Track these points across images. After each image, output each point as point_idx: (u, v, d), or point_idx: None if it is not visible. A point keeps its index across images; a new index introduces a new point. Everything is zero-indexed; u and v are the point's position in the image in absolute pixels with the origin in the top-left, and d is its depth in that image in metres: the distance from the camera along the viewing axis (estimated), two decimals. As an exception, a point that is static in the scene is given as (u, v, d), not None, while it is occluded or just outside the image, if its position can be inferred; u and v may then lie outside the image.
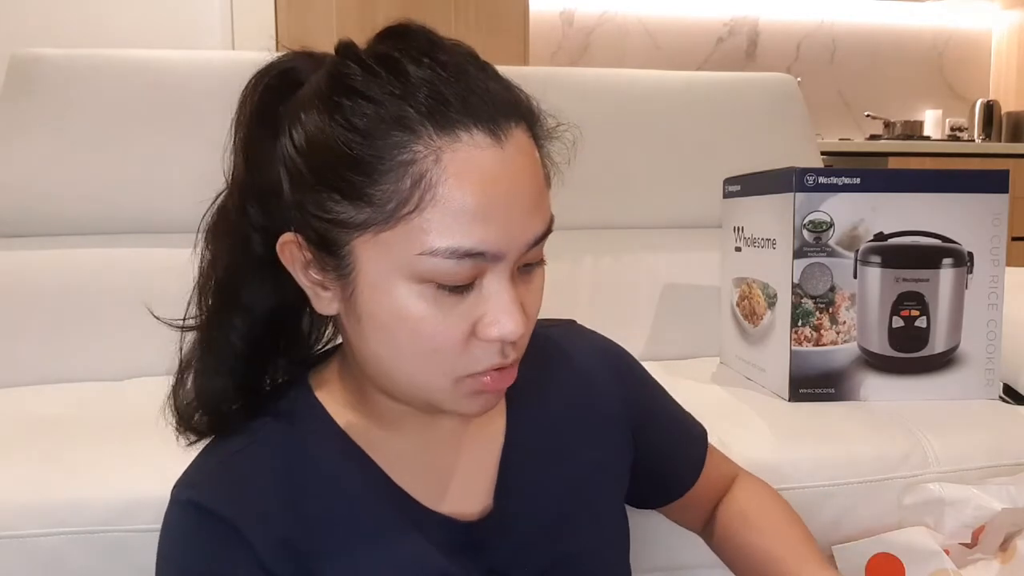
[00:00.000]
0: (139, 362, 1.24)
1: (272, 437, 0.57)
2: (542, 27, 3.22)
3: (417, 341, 0.49)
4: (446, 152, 0.46)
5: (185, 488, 0.55)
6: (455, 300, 0.49)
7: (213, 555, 0.53)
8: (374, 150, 0.47)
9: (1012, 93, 3.60)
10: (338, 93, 0.48)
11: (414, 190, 0.46)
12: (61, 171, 1.31)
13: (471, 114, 0.47)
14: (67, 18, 2.36)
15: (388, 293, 0.49)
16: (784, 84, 1.64)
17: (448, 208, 0.46)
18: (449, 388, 0.52)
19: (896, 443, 0.95)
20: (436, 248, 0.47)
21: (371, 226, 0.48)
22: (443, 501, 0.59)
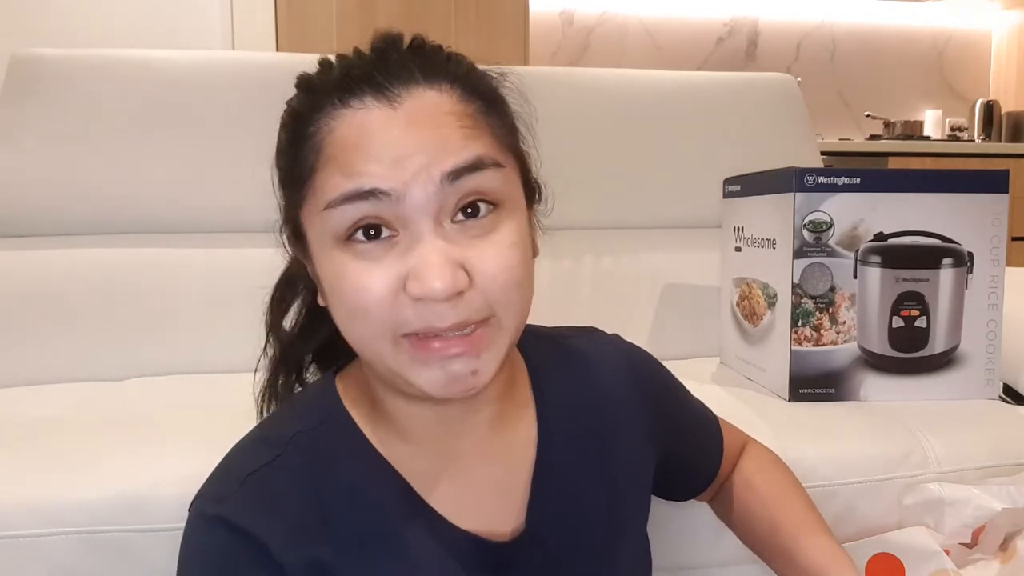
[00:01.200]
0: (139, 362, 1.24)
1: (301, 450, 0.56)
2: (542, 27, 3.22)
3: (351, 299, 0.50)
4: (338, 119, 0.51)
5: (213, 503, 0.54)
6: (381, 253, 0.49)
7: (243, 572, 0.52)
8: (293, 134, 0.54)
9: (1012, 93, 3.60)
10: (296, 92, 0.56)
11: (311, 155, 0.52)
12: (61, 171, 1.31)
13: (368, 83, 0.51)
14: (67, 18, 2.36)
15: (325, 255, 0.52)
16: (784, 84, 1.64)
17: (335, 161, 0.50)
18: (392, 352, 0.50)
19: (896, 443, 0.95)
20: (330, 199, 0.49)
21: (298, 199, 0.53)
22: (472, 519, 0.57)
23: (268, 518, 0.53)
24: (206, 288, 1.28)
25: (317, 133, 0.52)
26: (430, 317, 0.48)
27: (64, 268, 1.28)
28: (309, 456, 0.55)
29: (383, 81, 0.51)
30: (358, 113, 0.50)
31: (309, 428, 0.57)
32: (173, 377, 1.22)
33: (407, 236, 0.49)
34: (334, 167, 0.50)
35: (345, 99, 0.51)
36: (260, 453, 0.56)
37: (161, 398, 1.10)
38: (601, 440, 0.65)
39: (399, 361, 0.50)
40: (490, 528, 0.58)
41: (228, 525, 0.52)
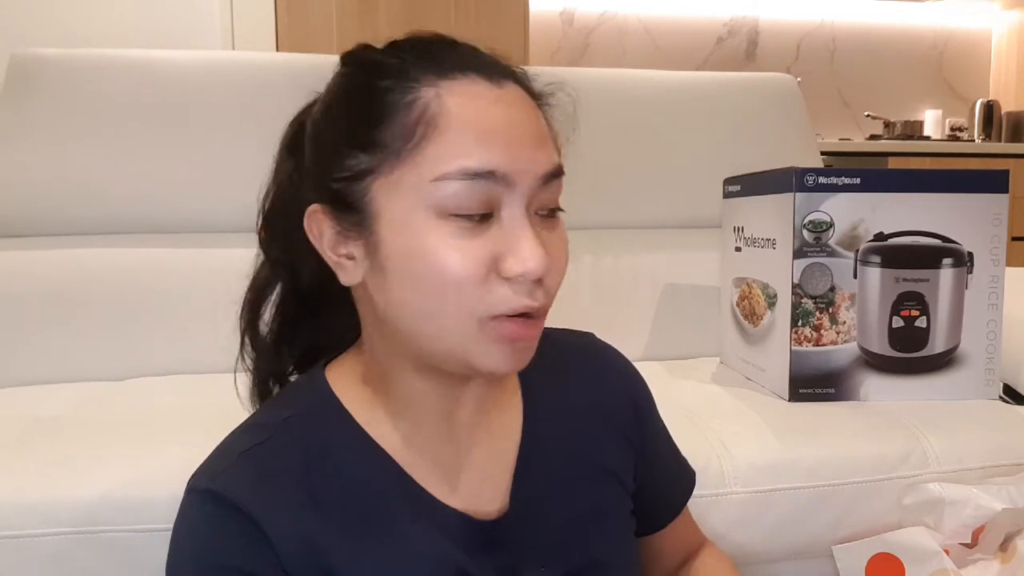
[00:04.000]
0: (139, 362, 1.24)
1: (292, 432, 0.57)
2: (542, 27, 3.22)
3: (440, 275, 0.50)
4: (445, 89, 0.51)
5: (205, 478, 0.55)
6: (475, 232, 0.50)
7: (232, 549, 0.53)
8: (380, 99, 0.51)
9: (1012, 93, 3.60)
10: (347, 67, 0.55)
11: (419, 124, 0.50)
12: (61, 171, 1.31)
13: (466, 64, 0.52)
14: (67, 18, 2.36)
15: (410, 228, 0.50)
16: (784, 84, 1.64)
17: (452, 133, 0.50)
18: (475, 332, 0.51)
19: (896, 443, 0.95)
20: (448, 171, 0.49)
21: (384, 166, 0.51)
22: (460, 497, 0.59)
23: (260, 494, 0.53)
24: (206, 288, 1.28)
25: (417, 102, 0.50)
26: (524, 298, 0.51)
27: (64, 268, 1.28)
28: (300, 438, 0.57)
29: (484, 60, 0.53)
30: (467, 87, 0.51)
31: (300, 413, 0.58)
32: (173, 377, 1.21)
33: (502, 219, 0.51)
34: (458, 139, 0.50)
35: (447, 71, 0.51)
36: (252, 435, 0.57)
37: (161, 398, 1.10)
38: (588, 430, 0.66)
39: (477, 340, 0.51)
40: (477, 506, 0.59)
41: (219, 499, 0.53)
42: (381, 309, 0.54)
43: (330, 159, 0.53)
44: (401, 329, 0.54)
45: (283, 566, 0.53)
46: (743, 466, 0.91)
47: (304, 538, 0.54)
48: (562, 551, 0.61)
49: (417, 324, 0.52)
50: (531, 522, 0.60)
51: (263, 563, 0.53)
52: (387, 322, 0.54)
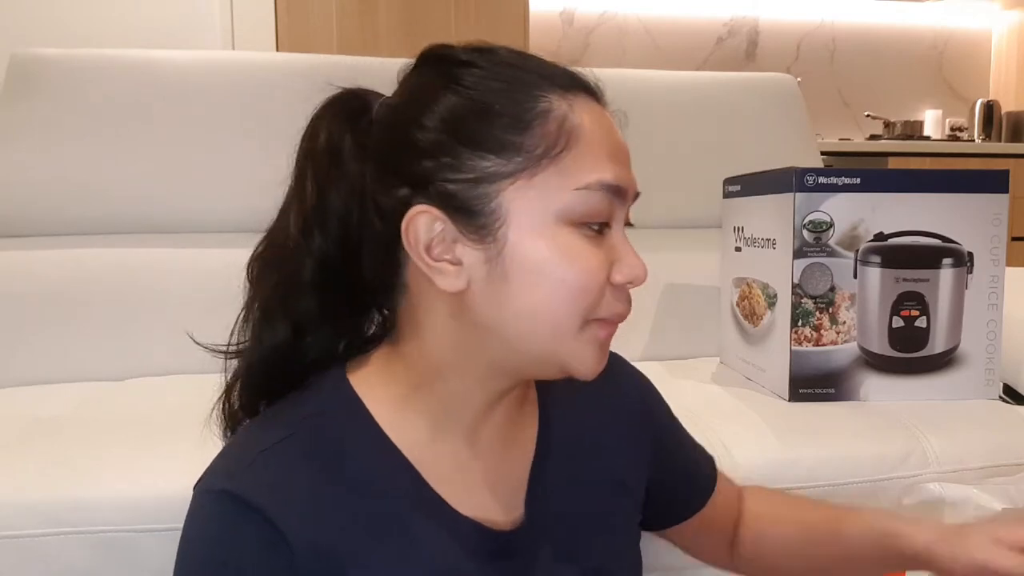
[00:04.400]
0: (139, 362, 1.24)
1: (310, 432, 0.55)
2: (542, 27, 3.22)
3: (570, 279, 0.52)
4: (576, 104, 0.53)
5: (222, 478, 0.53)
6: (597, 242, 0.53)
7: (249, 554, 0.51)
8: (515, 103, 0.52)
9: (1012, 93, 3.60)
10: (456, 67, 0.54)
11: (560, 133, 0.52)
12: (61, 171, 1.31)
13: (579, 83, 0.55)
14: (67, 18, 2.36)
15: (544, 235, 0.52)
16: (784, 84, 1.64)
17: (590, 146, 0.52)
18: (576, 332, 0.53)
19: (896, 443, 0.95)
20: (588, 181, 0.52)
21: (523, 172, 0.51)
22: (474, 506, 0.58)
23: (279, 496, 0.52)
24: (206, 288, 1.28)
25: (554, 111, 0.52)
26: (625, 304, 0.55)
27: (64, 268, 1.28)
28: (320, 437, 0.55)
29: (589, 80, 0.56)
30: (591, 105, 0.54)
31: (320, 411, 0.56)
32: (173, 377, 1.21)
33: (611, 231, 0.55)
34: (593, 153, 0.52)
35: (568, 87, 0.54)
36: (271, 432, 0.55)
37: (161, 398, 1.10)
38: (596, 443, 0.66)
39: (578, 340, 0.53)
40: (491, 517, 0.58)
41: (238, 501, 0.51)
42: (484, 315, 0.53)
43: (445, 160, 0.52)
44: (503, 336, 0.53)
45: (298, 569, 0.52)
46: (743, 466, 0.90)
47: (320, 541, 0.52)
48: (570, 562, 0.61)
49: (527, 329, 0.53)
50: (543, 533, 0.60)
51: (279, 569, 0.51)
52: (485, 328, 0.54)
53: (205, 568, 0.53)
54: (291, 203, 0.58)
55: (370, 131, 0.57)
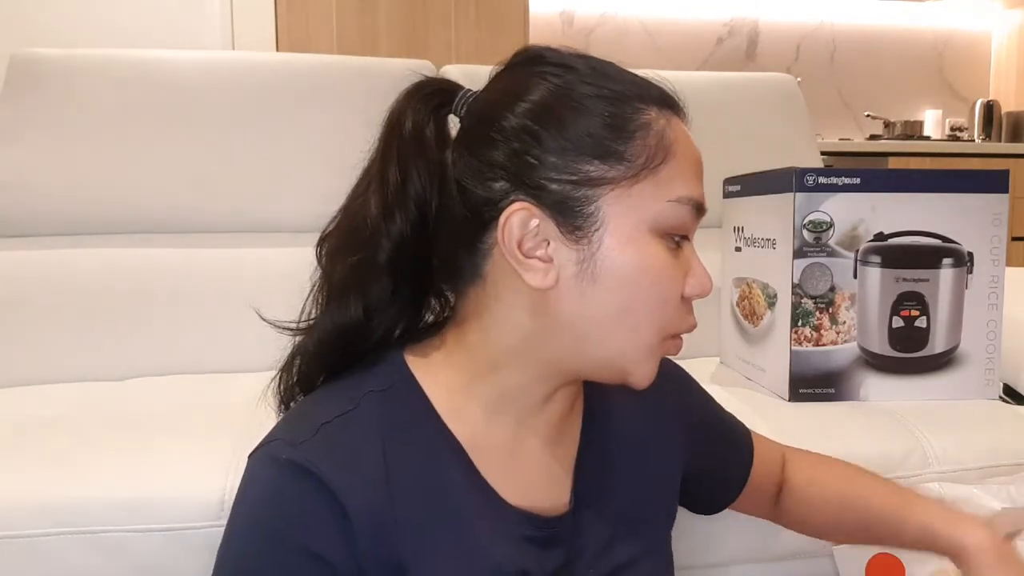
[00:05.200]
0: (139, 362, 1.24)
1: (373, 407, 0.56)
2: (542, 27, 3.22)
3: (655, 288, 0.54)
4: (670, 121, 0.56)
5: (286, 447, 0.53)
6: (676, 254, 0.56)
7: (308, 526, 0.51)
8: (620, 112, 0.54)
9: (1012, 93, 3.60)
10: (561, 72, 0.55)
11: (659, 146, 0.54)
12: (61, 171, 1.31)
13: (669, 101, 0.57)
14: (67, 18, 2.36)
15: (638, 243, 0.54)
16: (784, 84, 1.64)
17: (682, 163, 0.55)
18: (655, 346, 0.56)
19: (896, 443, 0.95)
20: (680, 195, 0.55)
21: (623, 179, 0.53)
22: (522, 495, 0.59)
23: (343, 468, 0.52)
24: (206, 288, 1.28)
25: (654, 124, 0.54)
26: (693, 316, 0.58)
27: (64, 268, 1.28)
28: (380, 413, 0.56)
29: (677, 99, 0.59)
30: (680, 123, 0.57)
31: (380, 389, 0.57)
32: (173, 377, 1.21)
33: (684, 245, 0.57)
34: (684, 169, 0.55)
35: (662, 104, 0.56)
36: (335, 404, 0.56)
37: (161, 398, 1.10)
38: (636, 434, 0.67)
39: (650, 353, 0.56)
40: (538, 506, 0.59)
41: (300, 470, 0.51)
42: (567, 315, 0.54)
43: (551, 159, 0.53)
44: (578, 336, 0.55)
45: (356, 544, 0.52)
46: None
47: (378, 518, 0.53)
48: (610, 551, 0.62)
49: (606, 334, 0.54)
50: (587, 522, 0.61)
51: (338, 545, 0.51)
52: (566, 325, 0.54)
53: (263, 534, 0.53)
54: (369, 185, 0.58)
55: (446, 120, 0.59)
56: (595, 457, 0.64)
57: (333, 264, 0.58)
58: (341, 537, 0.51)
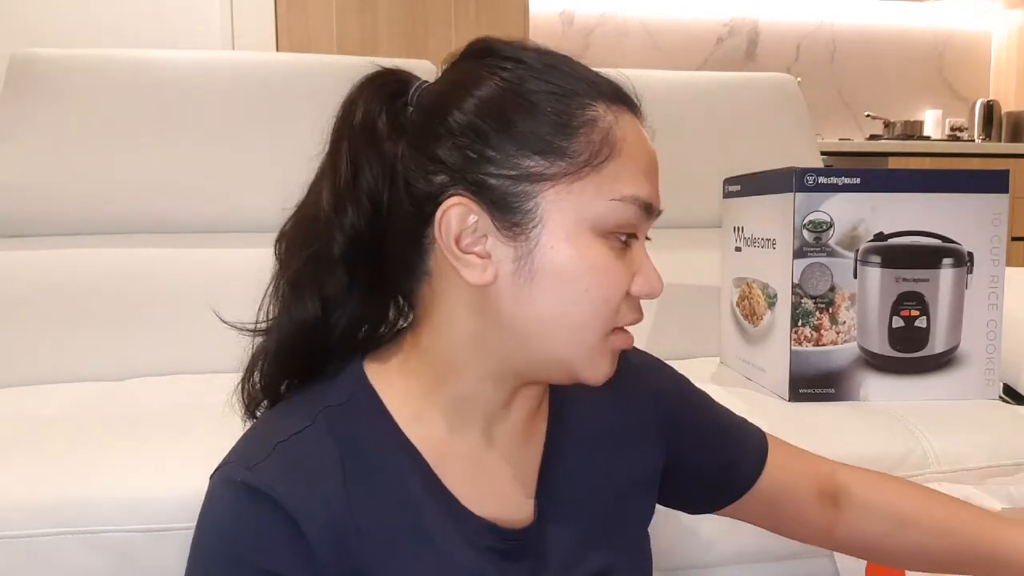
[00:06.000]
0: (139, 362, 1.24)
1: (329, 422, 0.55)
2: (542, 27, 3.22)
3: (595, 288, 0.53)
4: (621, 117, 0.54)
5: (239, 468, 0.52)
6: (620, 254, 0.54)
7: (265, 548, 0.51)
8: (565, 108, 0.53)
9: (1012, 93, 3.60)
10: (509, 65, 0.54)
11: (604, 143, 0.53)
12: (61, 171, 1.31)
13: (622, 97, 0.56)
14: (67, 18, 2.36)
15: (577, 242, 0.52)
16: (784, 84, 1.64)
17: (630, 160, 0.53)
18: (598, 343, 0.54)
19: (896, 443, 0.95)
20: (624, 194, 0.53)
21: (564, 176, 0.52)
22: (486, 505, 0.58)
23: (298, 488, 0.52)
24: (206, 288, 1.28)
25: (600, 120, 0.53)
26: (638, 313, 0.56)
27: (64, 268, 1.28)
28: (337, 430, 0.55)
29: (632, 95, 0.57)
30: (633, 120, 0.55)
31: (337, 403, 0.56)
32: (173, 377, 1.22)
33: (633, 244, 0.56)
34: (631, 167, 0.53)
35: (613, 100, 0.54)
36: (289, 422, 0.55)
37: (161, 398, 1.10)
38: (607, 442, 0.65)
39: (596, 351, 0.54)
40: (504, 516, 0.58)
41: (255, 492, 0.51)
42: (508, 311, 0.53)
43: (492, 153, 0.52)
44: (521, 334, 0.54)
45: (315, 563, 0.51)
46: (743, 466, 0.90)
47: (337, 534, 0.52)
48: (580, 560, 0.61)
49: (547, 331, 0.53)
50: (554, 532, 0.60)
51: (297, 565, 0.51)
52: (506, 325, 0.54)
53: (221, 559, 0.52)
54: (323, 178, 0.57)
55: (405, 112, 0.57)
56: (560, 465, 0.62)
57: (289, 259, 0.58)
58: (299, 557, 0.51)
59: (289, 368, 0.58)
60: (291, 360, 0.58)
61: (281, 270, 0.58)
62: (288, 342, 0.57)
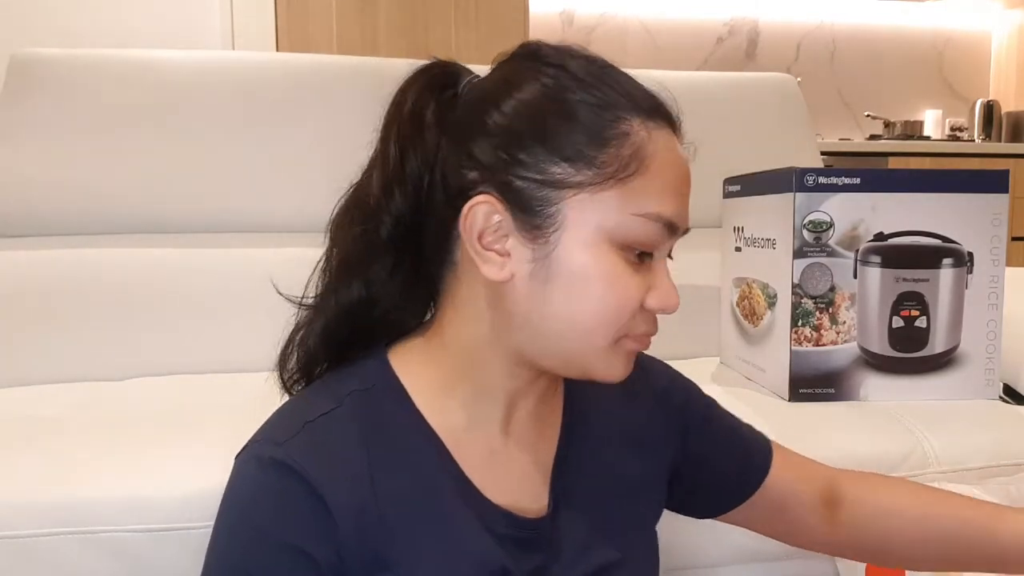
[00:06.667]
0: (139, 362, 1.24)
1: (355, 406, 0.57)
2: (542, 27, 3.22)
3: (607, 297, 0.54)
4: (653, 131, 0.55)
5: (270, 445, 0.54)
6: (639, 267, 0.55)
7: (292, 524, 0.52)
8: (599, 119, 0.54)
9: (1012, 93, 3.60)
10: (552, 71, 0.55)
11: (633, 158, 0.53)
12: (61, 171, 1.31)
13: (660, 113, 0.56)
14: (67, 18, 2.36)
15: (593, 250, 0.53)
16: (784, 84, 1.64)
17: (657, 178, 0.54)
18: (607, 347, 0.55)
19: (896, 443, 0.95)
20: (648, 211, 0.54)
21: (589, 186, 0.53)
22: (503, 494, 0.59)
23: (326, 466, 0.53)
24: (206, 288, 1.28)
25: (633, 135, 0.54)
26: (652, 325, 0.57)
27: (64, 268, 1.28)
28: (362, 413, 0.56)
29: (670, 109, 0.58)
30: (668, 136, 0.56)
31: (363, 388, 0.58)
32: (173, 377, 1.21)
33: (653, 259, 0.56)
34: (658, 185, 0.54)
35: (650, 115, 0.55)
36: (318, 403, 0.56)
37: (161, 398, 1.10)
38: (620, 437, 0.67)
39: (607, 352, 0.56)
40: (521, 505, 0.60)
41: (284, 468, 0.52)
42: (523, 308, 0.55)
43: (520, 156, 0.54)
44: (534, 331, 0.55)
45: (338, 539, 0.52)
46: (743, 466, 0.90)
47: (360, 516, 0.53)
48: (589, 554, 0.62)
49: (559, 332, 0.55)
50: (566, 524, 0.61)
51: (321, 540, 0.52)
52: (522, 321, 0.55)
53: (248, 534, 0.53)
54: (375, 164, 0.59)
55: (453, 104, 0.58)
56: (575, 458, 0.64)
57: (339, 238, 0.60)
58: (323, 532, 0.52)
59: (331, 349, 0.60)
60: (334, 341, 0.60)
61: (330, 246, 0.60)
62: (333, 323, 0.59)
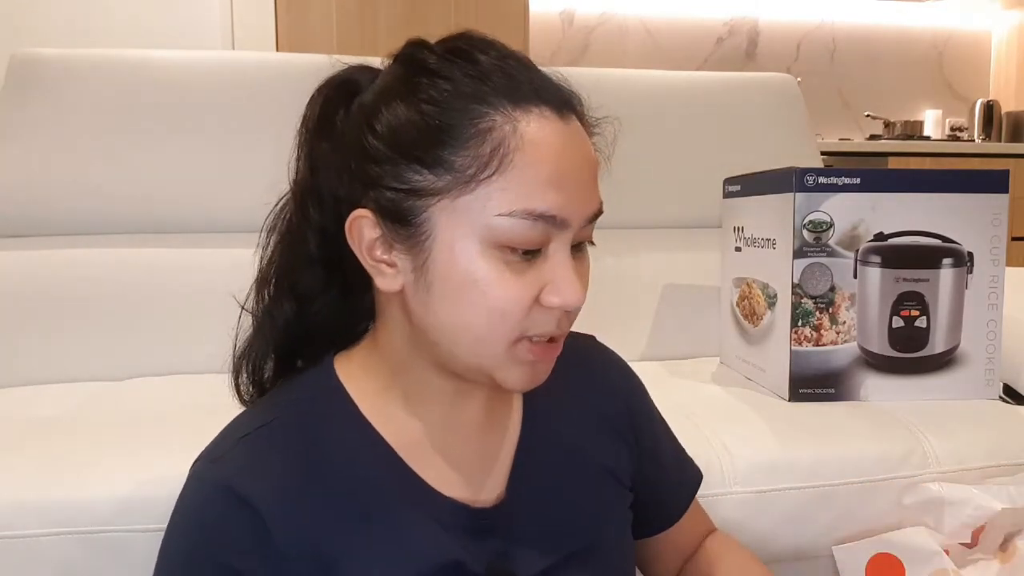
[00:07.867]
0: (139, 362, 1.24)
1: (291, 417, 0.58)
2: (542, 27, 3.22)
3: (487, 302, 0.52)
4: (520, 122, 0.51)
5: (205, 463, 0.56)
6: (523, 266, 0.52)
7: (225, 540, 0.53)
8: (454, 120, 0.51)
9: (1012, 93, 3.60)
10: (416, 74, 0.53)
11: (493, 155, 0.50)
12: (61, 171, 1.31)
13: (538, 95, 0.52)
14: (67, 18, 2.36)
15: (464, 255, 0.51)
16: (784, 84, 1.64)
17: (525, 172, 0.51)
18: (504, 352, 0.53)
19: (896, 443, 0.95)
20: (514, 210, 0.50)
21: (451, 191, 0.51)
22: (458, 488, 0.59)
23: (259, 480, 0.54)
24: (206, 288, 1.28)
25: (496, 130, 0.50)
26: (554, 325, 0.54)
27: (64, 268, 1.28)
28: (300, 422, 0.57)
29: (553, 89, 0.54)
30: (539, 121, 0.51)
31: (303, 398, 0.59)
32: (173, 377, 1.21)
33: (548, 254, 0.53)
34: (529, 178, 0.51)
35: (521, 99, 0.51)
36: (254, 418, 0.58)
37: (161, 398, 1.10)
38: (586, 429, 0.67)
39: (505, 359, 0.54)
40: (474, 497, 0.60)
41: (218, 486, 0.54)
42: (418, 317, 0.55)
43: (385, 167, 0.53)
44: (433, 339, 0.55)
45: (278, 554, 0.53)
46: (743, 466, 0.91)
47: (301, 526, 0.54)
48: (554, 540, 0.62)
49: (452, 339, 0.54)
50: (525, 511, 0.62)
51: (251, 555, 0.53)
52: (421, 329, 0.55)
53: (184, 552, 0.55)
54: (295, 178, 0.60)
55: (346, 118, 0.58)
56: (537, 450, 0.64)
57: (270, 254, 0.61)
58: (256, 546, 0.53)
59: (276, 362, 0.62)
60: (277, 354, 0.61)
61: (263, 265, 0.61)
62: (272, 338, 0.60)
